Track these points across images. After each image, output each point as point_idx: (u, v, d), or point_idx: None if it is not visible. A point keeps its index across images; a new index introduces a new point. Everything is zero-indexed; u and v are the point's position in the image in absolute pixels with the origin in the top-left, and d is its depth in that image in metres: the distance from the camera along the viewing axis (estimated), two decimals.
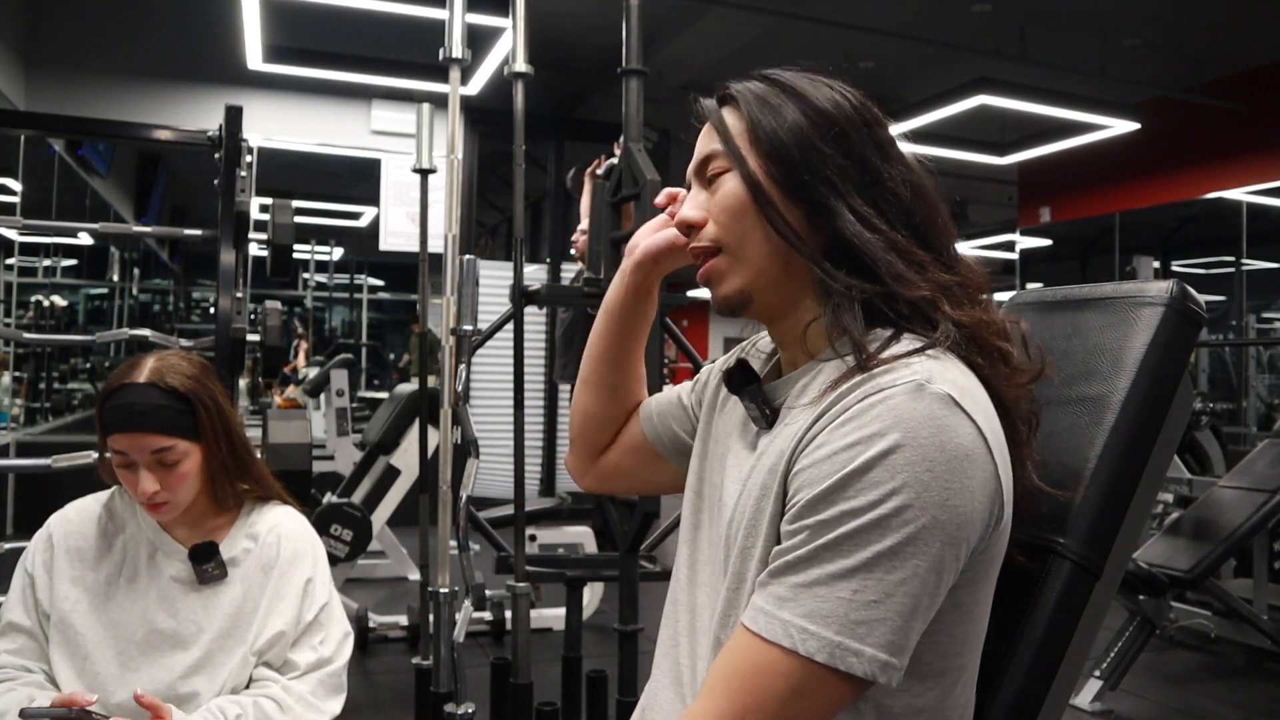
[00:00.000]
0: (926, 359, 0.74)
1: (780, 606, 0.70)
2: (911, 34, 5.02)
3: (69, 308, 8.68)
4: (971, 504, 0.70)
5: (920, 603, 0.69)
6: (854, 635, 0.68)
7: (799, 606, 0.69)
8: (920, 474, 0.68)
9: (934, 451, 0.68)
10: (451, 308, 2.25)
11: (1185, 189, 6.30)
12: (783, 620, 0.70)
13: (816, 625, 0.68)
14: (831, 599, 0.68)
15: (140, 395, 1.26)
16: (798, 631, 0.69)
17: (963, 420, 0.71)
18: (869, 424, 0.70)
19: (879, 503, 0.68)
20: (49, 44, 5.20)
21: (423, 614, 2.61)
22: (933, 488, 0.68)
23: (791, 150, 0.80)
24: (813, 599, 0.69)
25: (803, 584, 0.70)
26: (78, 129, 4.41)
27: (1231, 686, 3.44)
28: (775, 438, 0.81)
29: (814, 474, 0.71)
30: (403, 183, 5.61)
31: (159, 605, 1.32)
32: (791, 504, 0.73)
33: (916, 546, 0.68)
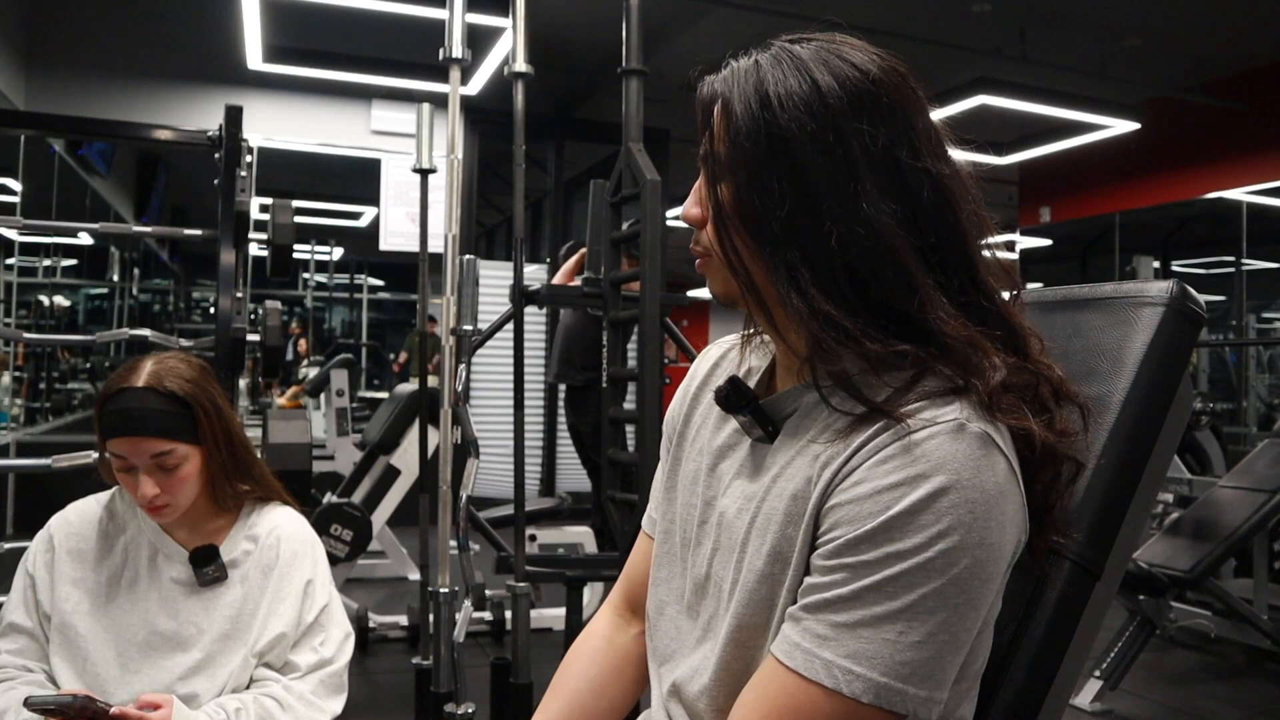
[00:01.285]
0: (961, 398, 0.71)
1: (821, 645, 0.69)
2: (911, 34, 5.01)
3: (69, 308, 8.69)
4: (1006, 539, 0.70)
5: (960, 639, 0.69)
6: (899, 676, 0.68)
7: (842, 647, 0.68)
8: (964, 516, 0.67)
9: (975, 493, 0.68)
10: (451, 308, 2.25)
11: (1185, 189, 6.30)
12: (825, 660, 0.69)
13: (862, 666, 0.68)
14: (877, 640, 0.68)
15: (139, 400, 1.25)
16: (842, 673, 0.68)
17: (999, 458, 0.70)
18: (913, 464, 0.68)
19: (926, 546, 0.67)
20: (49, 44, 5.20)
21: (423, 614, 2.61)
22: (975, 529, 0.68)
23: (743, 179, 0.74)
24: (856, 639, 0.68)
25: (845, 624, 0.69)
26: (78, 129, 4.41)
27: (1231, 686, 3.44)
28: (791, 460, 0.78)
29: (855, 511, 0.70)
30: (403, 183, 5.61)
31: (159, 607, 1.32)
32: (828, 539, 0.71)
33: (960, 587, 0.68)
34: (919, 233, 0.73)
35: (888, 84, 0.75)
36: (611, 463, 2.37)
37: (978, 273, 0.76)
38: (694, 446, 0.90)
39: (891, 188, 0.73)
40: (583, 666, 0.97)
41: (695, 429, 0.92)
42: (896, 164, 0.73)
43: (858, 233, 0.71)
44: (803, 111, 0.72)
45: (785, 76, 0.74)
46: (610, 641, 0.99)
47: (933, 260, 0.74)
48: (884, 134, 0.73)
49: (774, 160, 0.73)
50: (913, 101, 0.76)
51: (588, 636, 1.00)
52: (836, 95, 0.73)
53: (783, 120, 0.72)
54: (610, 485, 2.37)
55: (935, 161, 0.75)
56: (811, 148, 0.72)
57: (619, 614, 1.01)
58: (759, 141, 0.73)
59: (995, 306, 0.77)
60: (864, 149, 0.72)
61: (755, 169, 0.73)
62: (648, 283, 2.14)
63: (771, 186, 0.73)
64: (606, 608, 1.02)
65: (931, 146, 0.75)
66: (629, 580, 1.00)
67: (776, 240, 0.73)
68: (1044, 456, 0.74)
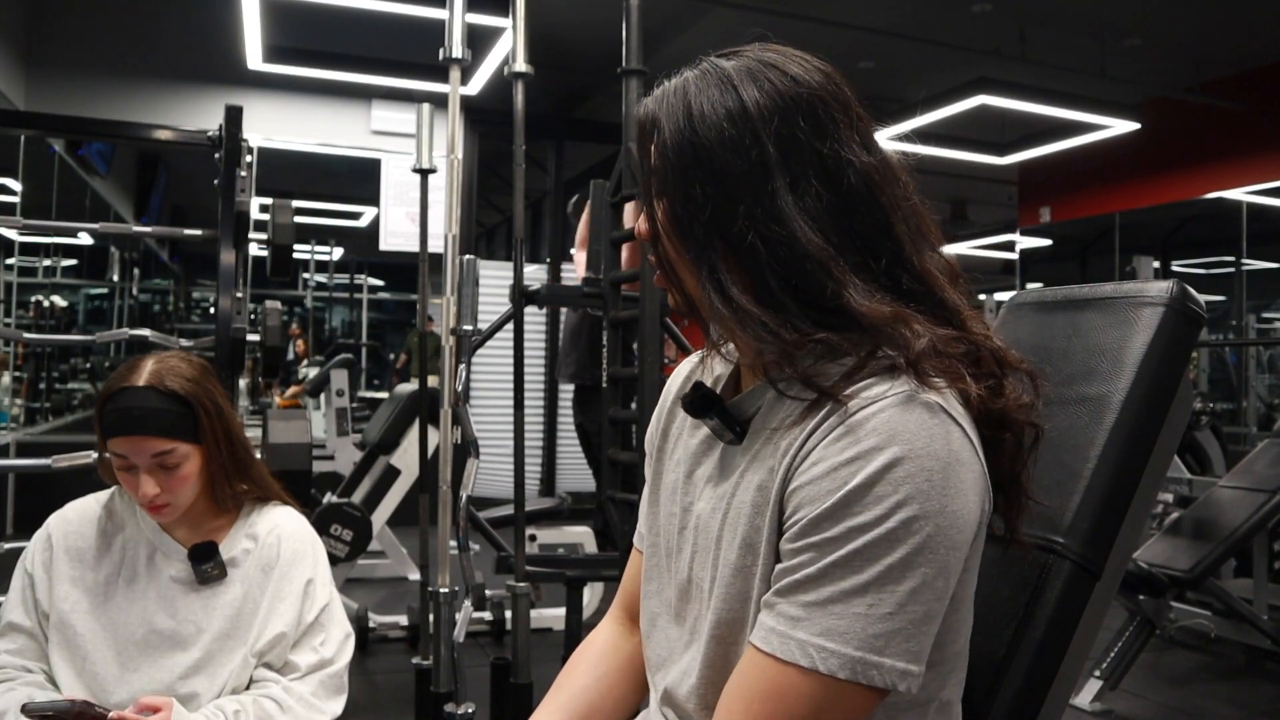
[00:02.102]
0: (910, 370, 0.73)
1: (794, 626, 0.70)
2: (911, 34, 5.02)
3: (69, 308, 8.69)
4: (968, 506, 0.71)
5: (932, 608, 0.70)
6: (873, 649, 0.68)
7: (814, 625, 0.69)
8: (921, 484, 0.68)
9: (930, 461, 0.69)
10: (451, 308, 2.25)
11: (1185, 189, 6.30)
12: (799, 640, 0.69)
13: (835, 643, 0.68)
14: (847, 615, 0.69)
15: (139, 399, 1.25)
16: (816, 651, 0.69)
17: (951, 425, 0.71)
18: (865, 438, 0.70)
19: (886, 517, 0.68)
20: (49, 44, 5.20)
21: (423, 614, 2.61)
22: (933, 496, 0.69)
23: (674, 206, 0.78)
24: (828, 616, 0.69)
25: (815, 602, 0.70)
26: (78, 129, 4.41)
27: (1231, 686, 3.43)
28: (756, 454, 0.79)
29: (814, 491, 0.71)
30: (403, 183, 5.61)
31: (158, 605, 1.32)
32: (792, 522, 0.72)
33: (924, 555, 0.69)
34: (843, 222, 0.75)
35: (810, 86, 0.77)
36: (612, 463, 2.37)
37: (903, 252, 0.78)
38: (672, 459, 0.92)
39: (811, 182, 0.75)
40: (590, 665, 0.98)
41: (673, 442, 0.93)
42: (819, 158, 0.76)
43: (773, 229, 0.74)
44: (723, 119, 0.76)
45: (708, 87, 0.77)
46: (615, 646, 1.00)
47: (857, 245, 0.76)
48: (803, 132, 0.76)
49: (696, 170, 0.76)
50: (837, 100, 0.78)
51: (593, 641, 1.01)
52: (755, 101, 0.76)
53: (702, 131, 0.76)
54: (611, 485, 2.37)
55: (861, 152, 0.77)
56: (729, 154, 0.75)
57: (620, 624, 1.02)
58: (683, 154, 0.76)
59: (925, 285, 0.78)
60: (781, 149, 0.75)
61: (681, 181, 0.77)
62: (648, 283, 2.14)
63: (694, 195, 0.76)
64: (608, 619, 1.03)
65: (859, 139, 0.78)
66: (627, 593, 1.02)
67: (700, 246, 0.76)
68: (1000, 422, 0.76)
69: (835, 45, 5.35)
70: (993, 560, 0.92)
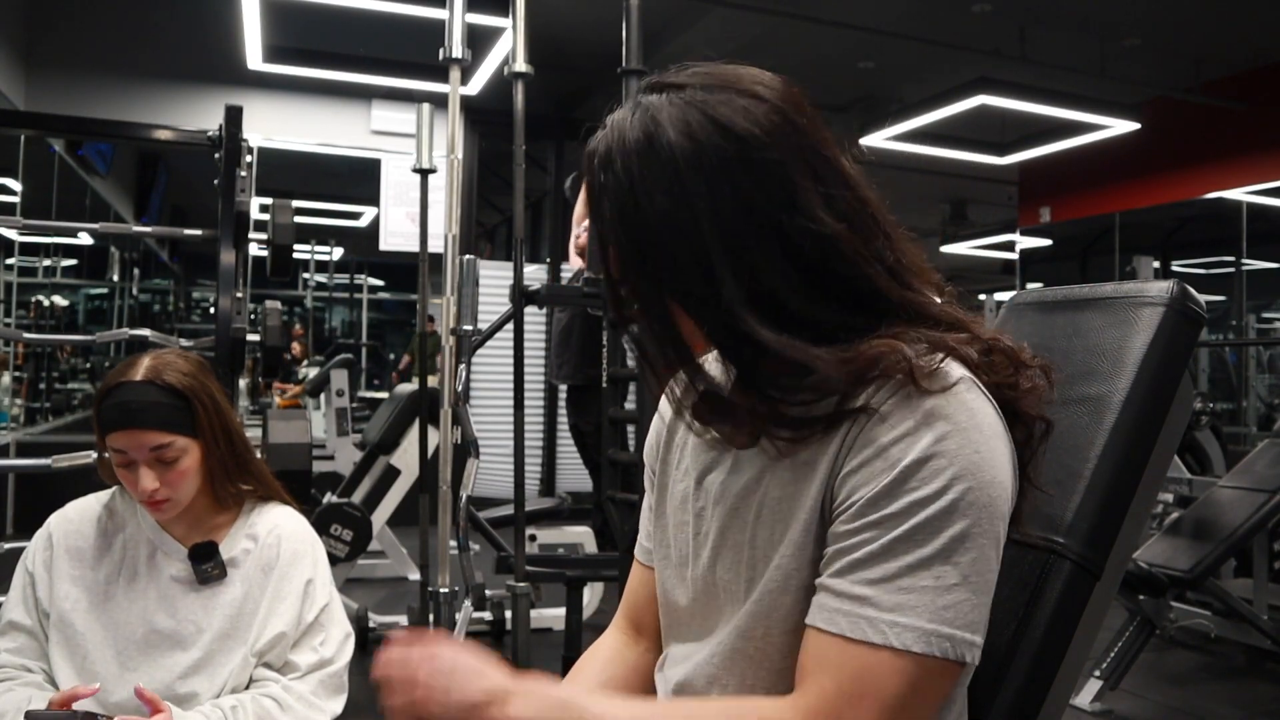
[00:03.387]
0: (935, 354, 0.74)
1: (863, 605, 0.70)
2: (911, 34, 5.01)
3: (69, 308, 8.68)
4: (1007, 478, 0.73)
5: (989, 579, 0.72)
6: (944, 620, 0.69)
7: (884, 602, 0.70)
8: (971, 456, 0.70)
9: (974, 434, 0.71)
10: (451, 308, 2.25)
11: (1185, 189, 6.30)
12: (869, 618, 0.69)
13: (908, 617, 0.69)
14: (916, 589, 0.69)
15: (138, 393, 1.26)
16: (889, 626, 0.69)
17: (983, 400, 0.74)
18: (909, 415, 0.71)
19: (945, 490, 0.69)
20: (49, 44, 5.20)
21: (423, 614, 2.61)
22: (983, 468, 0.70)
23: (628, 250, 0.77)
24: (897, 592, 0.69)
25: (882, 579, 0.70)
26: (78, 129, 4.41)
27: (1231, 686, 3.43)
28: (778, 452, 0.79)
29: (868, 473, 0.72)
30: (403, 183, 5.61)
31: (158, 605, 1.32)
32: (847, 505, 0.73)
33: (981, 526, 0.70)
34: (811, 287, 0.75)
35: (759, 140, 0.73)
36: (611, 463, 2.37)
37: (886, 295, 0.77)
38: (679, 470, 0.92)
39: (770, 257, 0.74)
40: (596, 670, 0.99)
41: (677, 454, 0.93)
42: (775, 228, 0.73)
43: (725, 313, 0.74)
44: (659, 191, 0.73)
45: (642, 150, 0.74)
46: (620, 654, 1.00)
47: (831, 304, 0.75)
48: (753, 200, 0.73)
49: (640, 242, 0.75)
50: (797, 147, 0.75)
51: (598, 648, 1.01)
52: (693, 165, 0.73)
53: (644, 203, 0.74)
54: (610, 485, 2.37)
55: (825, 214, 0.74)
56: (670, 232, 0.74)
57: (624, 633, 1.02)
58: (626, 220, 0.75)
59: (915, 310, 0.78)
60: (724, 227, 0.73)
61: (627, 241, 0.76)
62: None
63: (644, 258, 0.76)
64: (612, 629, 1.03)
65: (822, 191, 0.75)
66: (631, 604, 1.02)
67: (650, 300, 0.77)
68: (1013, 415, 0.77)
69: (835, 45, 5.35)
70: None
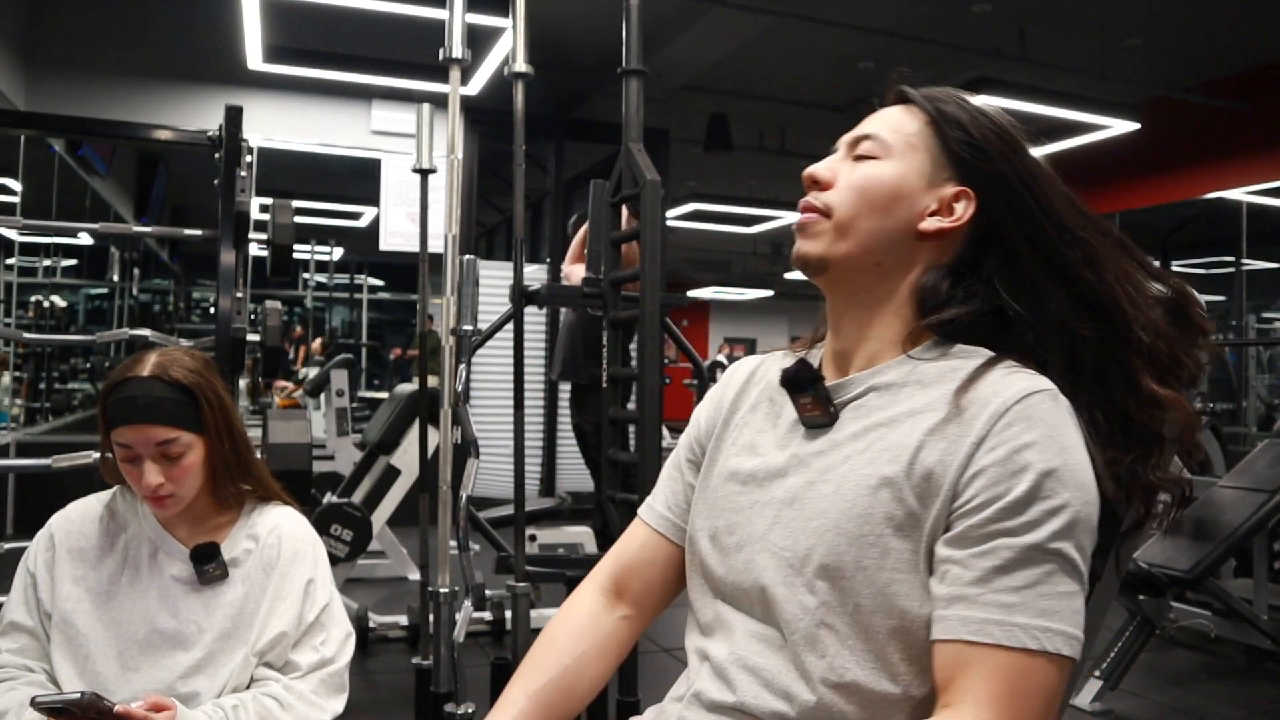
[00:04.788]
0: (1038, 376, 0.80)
1: (1011, 613, 0.73)
2: (911, 34, 5.01)
3: (69, 308, 8.68)
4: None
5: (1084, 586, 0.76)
6: (1076, 624, 0.74)
7: (1031, 609, 0.73)
8: (1085, 474, 0.75)
9: (1081, 454, 0.76)
10: (451, 308, 2.25)
11: (1185, 189, 6.30)
12: (1022, 625, 0.72)
13: (1055, 622, 0.73)
14: (1054, 595, 0.73)
15: (144, 388, 1.26)
16: (1041, 632, 0.72)
17: (1076, 422, 0.79)
18: (1035, 425, 0.75)
19: (1070, 502, 0.74)
20: (49, 44, 5.20)
21: (423, 614, 2.61)
22: (1089, 485, 0.76)
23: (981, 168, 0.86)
24: (1040, 598, 0.73)
25: (1024, 586, 0.73)
26: (78, 129, 4.41)
27: (1231, 686, 3.43)
28: (872, 432, 0.83)
29: (999, 472, 0.75)
30: (403, 183, 5.61)
31: (160, 605, 1.32)
32: (973, 506, 0.76)
33: (1089, 538, 0.75)
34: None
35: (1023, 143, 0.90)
36: (612, 463, 2.37)
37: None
38: (737, 444, 0.94)
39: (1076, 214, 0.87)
40: (570, 642, 0.97)
41: (736, 430, 0.96)
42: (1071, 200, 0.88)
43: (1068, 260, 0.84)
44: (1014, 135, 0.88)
45: (1014, 131, 0.89)
46: (596, 620, 0.99)
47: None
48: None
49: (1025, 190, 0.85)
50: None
51: (574, 610, 1.00)
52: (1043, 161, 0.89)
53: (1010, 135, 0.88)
54: (610, 485, 2.37)
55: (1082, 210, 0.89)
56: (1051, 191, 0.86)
57: (605, 594, 1.01)
58: (989, 141, 0.86)
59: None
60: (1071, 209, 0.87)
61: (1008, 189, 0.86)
62: (648, 283, 2.14)
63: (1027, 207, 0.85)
64: (592, 587, 1.02)
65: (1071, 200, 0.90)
66: (619, 563, 1.01)
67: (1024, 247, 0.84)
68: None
69: (835, 45, 5.35)
70: None
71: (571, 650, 0.96)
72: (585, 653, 0.96)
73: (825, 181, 0.89)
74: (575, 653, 0.96)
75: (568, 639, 0.97)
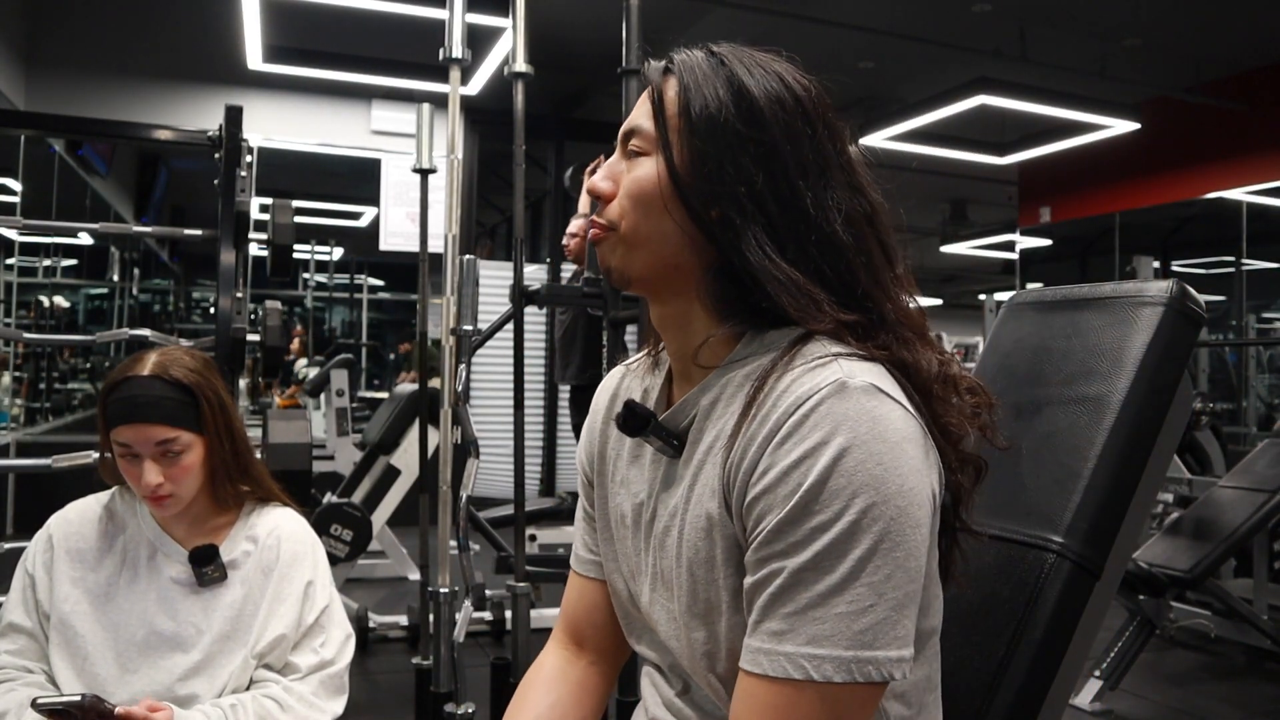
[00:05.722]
0: (838, 359, 0.73)
1: (780, 641, 0.69)
2: (911, 34, 5.01)
3: (69, 308, 8.68)
4: (923, 483, 0.71)
5: (909, 590, 0.69)
6: (862, 645, 0.67)
7: (799, 636, 0.68)
8: (873, 470, 0.68)
9: (877, 444, 0.69)
10: (451, 308, 2.25)
11: (1185, 189, 6.30)
12: (787, 654, 0.68)
13: (824, 648, 0.67)
14: (829, 618, 0.68)
15: (144, 387, 1.26)
16: (807, 660, 0.68)
17: (891, 405, 0.71)
18: (808, 435, 0.69)
19: (844, 511, 0.67)
20: (49, 44, 5.20)
21: (423, 614, 2.61)
22: (888, 480, 0.68)
23: (709, 153, 0.77)
24: (810, 623, 0.68)
25: (795, 612, 0.68)
26: (78, 129, 4.41)
27: (1231, 686, 3.43)
28: (700, 465, 0.79)
29: (771, 500, 0.70)
30: (403, 183, 5.61)
31: (159, 607, 1.32)
32: (756, 534, 0.71)
33: (892, 540, 0.68)
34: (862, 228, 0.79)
35: (826, 104, 0.81)
36: None
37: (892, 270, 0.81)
38: (615, 481, 0.91)
39: (845, 187, 0.79)
40: (541, 693, 0.96)
41: (611, 463, 0.92)
42: (852, 165, 0.80)
43: (830, 214, 0.77)
44: (775, 100, 0.77)
45: (751, 70, 0.79)
46: (563, 672, 0.97)
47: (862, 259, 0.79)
48: (836, 142, 0.80)
49: (745, 138, 0.76)
50: (840, 124, 0.81)
51: (540, 669, 0.99)
52: (804, 94, 0.79)
53: (759, 104, 0.77)
54: None
55: (847, 192, 0.80)
56: (784, 133, 0.77)
57: (565, 648, 1.00)
58: (729, 119, 0.76)
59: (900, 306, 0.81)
60: (831, 143, 0.79)
61: (724, 144, 0.76)
62: None
63: (742, 162, 0.76)
64: (553, 644, 1.01)
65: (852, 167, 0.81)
66: (569, 617, 1.00)
67: (743, 212, 0.76)
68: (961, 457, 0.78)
69: (835, 45, 5.35)
70: (993, 560, 0.92)
71: (544, 700, 0.95)
72: (559, 700, 0.95)
73: (606, 194, 0.82)
74: (548, 701, 0.94)
75: (537, 693, 0.96)
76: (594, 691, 0.97)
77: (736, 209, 0.76)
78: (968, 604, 0.91)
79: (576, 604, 0.99)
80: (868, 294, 0.77)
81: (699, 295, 0.80)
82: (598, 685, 0.97)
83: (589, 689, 0.96)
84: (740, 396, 0.76)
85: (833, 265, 0.76)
